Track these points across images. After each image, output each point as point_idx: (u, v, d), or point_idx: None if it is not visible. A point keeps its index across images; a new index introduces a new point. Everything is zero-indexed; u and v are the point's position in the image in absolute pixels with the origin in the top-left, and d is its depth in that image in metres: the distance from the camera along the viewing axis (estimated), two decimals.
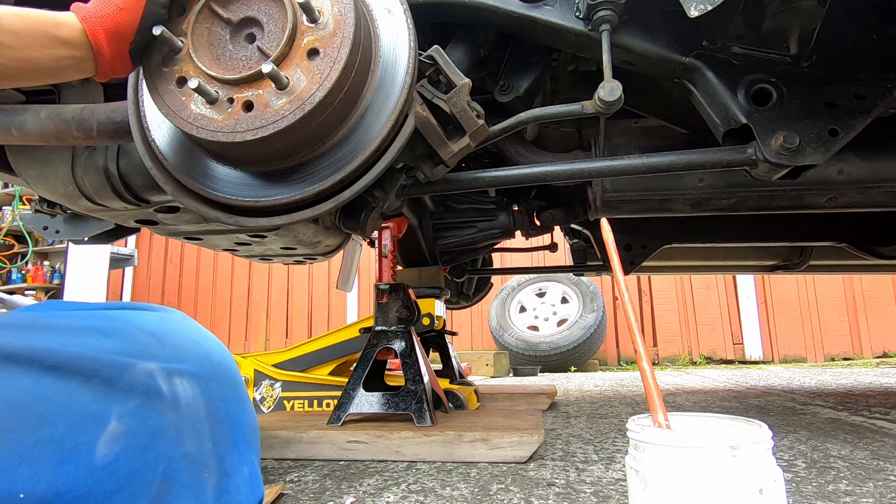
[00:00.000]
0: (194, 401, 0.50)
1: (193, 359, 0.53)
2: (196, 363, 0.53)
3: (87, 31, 0.67)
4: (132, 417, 0.44)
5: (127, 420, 0.44)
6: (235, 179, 0.87)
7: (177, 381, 0.50)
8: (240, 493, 0.52)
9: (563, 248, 2.74)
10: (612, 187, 1.43)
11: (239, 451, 0.54)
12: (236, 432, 0.54)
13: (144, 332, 0.51)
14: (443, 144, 0.98)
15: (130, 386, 0.46)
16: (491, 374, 4.76)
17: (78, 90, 1.16)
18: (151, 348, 0.50)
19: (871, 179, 1.28)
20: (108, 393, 0.44)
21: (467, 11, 1.08)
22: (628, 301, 0.66)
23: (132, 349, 0.48)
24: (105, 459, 0.41)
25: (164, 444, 0.46)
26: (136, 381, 0.46)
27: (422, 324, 1.94)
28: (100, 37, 0.67)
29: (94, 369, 0.44)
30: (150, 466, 0.44)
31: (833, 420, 1.70)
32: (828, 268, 2.35)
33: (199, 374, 0.52)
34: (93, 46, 0.68)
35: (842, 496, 0.91)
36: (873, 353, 5.51)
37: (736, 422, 0.60)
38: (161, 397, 0.47)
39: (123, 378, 0.46)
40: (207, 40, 0.79)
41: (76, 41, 0.67)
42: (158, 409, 0.47)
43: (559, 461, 1.20)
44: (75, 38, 0.66)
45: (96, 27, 0.67)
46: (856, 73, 1.05)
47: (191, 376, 0.51)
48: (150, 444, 0.45)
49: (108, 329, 0.49)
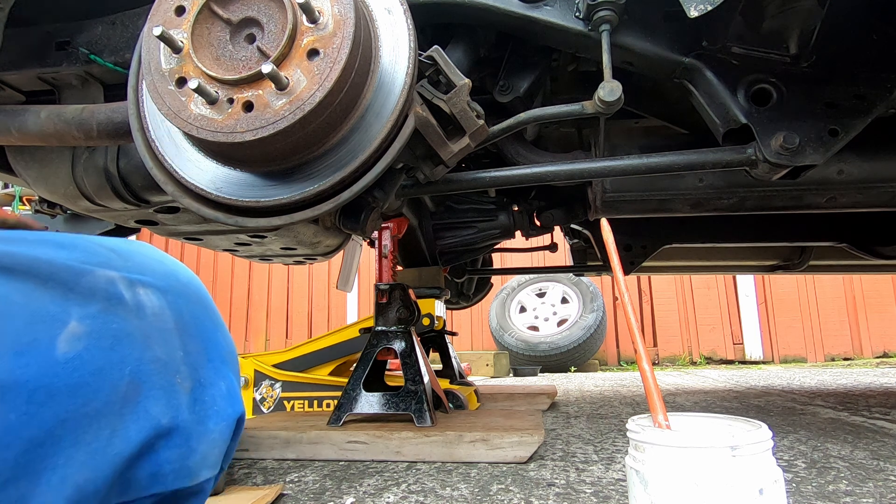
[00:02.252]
0: (160, 311, 0.48)
1: (159, 274, 0.51)
2: (162, 279, 0.50)
3: None
4: (93, 320, 0.43)
5: (88, 322, 0.43)
6: (235, 180, 0.87)
7: (140, 290, 0.48)
8: (216, 404, 0.50)
9: (563, 249, 2.74)
10: (612, 187, 1.43)
11: (214, 365, 0.52)
12: (210, 349, 0.53)
13: (104, 247, 0.49)
14: (443, 145, 0.98)
15: (90, 290, 0.44)
16: (491, 374, 4.76)
17: (78, 91, 1.16)
18: (111, 260, 0.48)
19: (871, 179, 1.28)
20: (67, 296, 0.43)
21: (467, 12, 1.08)
22: (628, 301, 0.66)
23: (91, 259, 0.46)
24: (66, 356, 0.41)
25: (130, 346, 0.45)
26: (95, 286, 0.45)
27: (422, 324, 1.94)
28: None
29: (49, 272, 0.43)
30: (115, 367, 0.43)
31: (833, 420, 1.70)
32: (828, 268, 2.35)
33: (165, 288, 0.50)
34: None
35: (842, 496, 0.91)
36: (873, 353, 5.51)
37: (736, 422, 0.60)
38: (123, 303, 0.46)
39: (82, 282, 0.44)
40: (207, 40, 0.79)
41: None
42: (121, 314, 0.45)
43: (559, 461, 1.20)
44: None
45: None
46: (856, 73, 1.05)
47: (156, 289, 0.49)
48: (114, 346, 0.44)
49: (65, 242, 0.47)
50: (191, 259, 6.97)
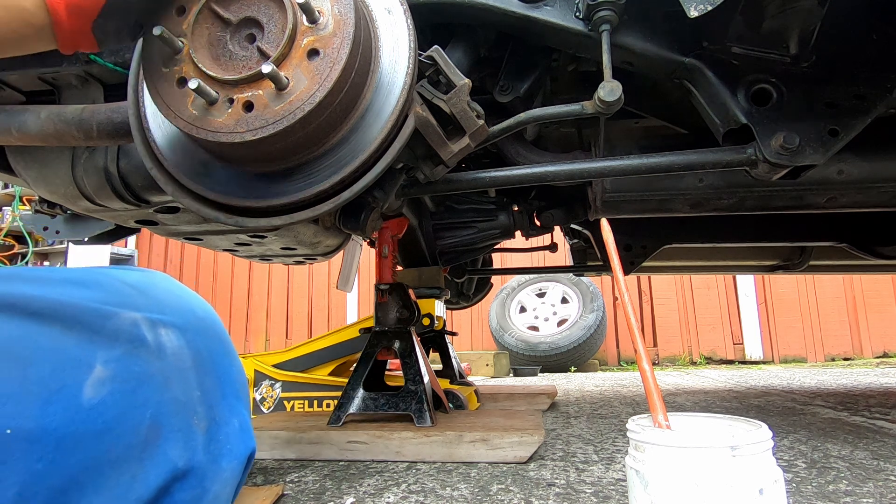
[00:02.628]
0: (179, 350, 0.49)
1: (177, 311, 0.52)
2: (180, 315, 0.52)
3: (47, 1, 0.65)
4: (118, 364, 0.44)
5: (113, 366, 0.43)
6: (235, 180, 0.87)
7: (161, 330, 0.49)
8: (230, 441, 0.52)
9: (563, 249, 2.74)
10: (613, 187, 1.43)
11: (228, 402, 0.53)
12: (225, 384, 0.54)
13: (126, 285, 0.50)
14: (443, 145, 0.98)
15: (115, 334, 0.45)
16: (491, 374, 4.76)
17: (78, 91, 1.16)
18: (134, 299, 0.49)
19: (871, 179, 1.28)
20: (93, 339, 0.44)
21: (467, 11, 1.08)
22: (628, 301, 0.66)
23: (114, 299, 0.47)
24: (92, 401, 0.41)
25: (151, 389, 0.45)
26: (119, 329, 0.46)
27: (422, 324, 1.94)
28: (59, 8, 0.65)
29: (75, 316, 0.44)
30: (138, 410, 0.44)
31: (833, 420, 1.70)
32: (828, 268, 2.34)
33: (184, 325, 0.51)
34: (52, 17, 0.66)
35: (842, 496, 0.91)
36: (873, 353, 5.51)
37: (736, 422, 0.60)
38: (146, 345, 0.47)
39: (107, 326, 0.45)
40: (207, 41, 0.79)
41: (36, 10, 0.65)
42: (144, 356, 0.46)
43: (559, 461, 1.20)
44: (35, 7, 0.64)
45: None
46: (856, 73, 1.05)
47: (175, 327, 0.50)
48: (137, 389, 0.44)
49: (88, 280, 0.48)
50: (191, 259, 6.98)
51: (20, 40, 0.66)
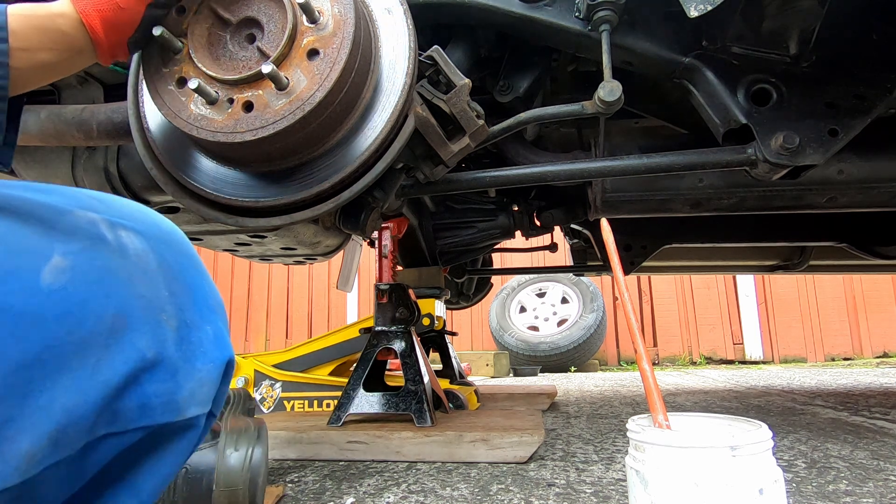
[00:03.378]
0: (143, 253, 0.48)
1: (142, 221, 0.50)
2: (144, 225, 0.50)
3: (85, 23, 0.67)
4: (77, 256, 0.43)
5: (72, 257, 0.42)
6: (235, 180, 0.87)
7: (122, 232, 0.47)
8: (203, 345, 0.50)
9: (563, 249, 2.74)
10: (612, 187, 1.43)
11: (200, 309, 0.51)
12: (196, 294, 0.52)
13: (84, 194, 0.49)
14: (443, 145, 0.98)
15: (71, 229, 0.44)
16: (491, 374, 4.76)
17: (78, 91, 1.16)
18: (92, 204, 0.48)
19: (871, 179, 1.28)
20: (49, 233, 0.43)
21: (467, 12, 1.08)
22: (628, 301, 0.66)
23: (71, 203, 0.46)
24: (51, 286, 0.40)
25: (115, 282, 0.44)
26: (76, 226, 0.44)
27: (422, 324, 1.94)
28: (97, 27, 0.68)
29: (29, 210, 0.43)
30: (100, 300, 0.43)
31: (833, 420, 1.70)
32: (828, 268, 2.34)
33: (148, 233, 0.49)
34: (91, 38, 0.68)
35: (842, 496, 0.91)
36: (873, 353, 5.51)
37: (736, 422, 0.60)
38: (106, 242, 0.45)
39: (63, 221, 0.44)
40: (207, 41, 0.79)
41: (75, 33, 0.67)
42: (105, 253, 0.45)
43: (559, 461, 1.20)
44: (74, 30, 0.67)
45: (92, 17, 0.67)
46: (856, 73, 1.05)
47: (138, 233, 0.48)
48: (99, 280, 0.43)
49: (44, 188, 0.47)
50: None
51: (69, 65, 0.70)
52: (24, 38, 0.62)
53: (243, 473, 0.77)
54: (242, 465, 0.78)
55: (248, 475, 0.78)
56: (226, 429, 0.82)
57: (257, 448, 0.81)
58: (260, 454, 0.81)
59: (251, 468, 0.79)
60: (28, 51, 0.63)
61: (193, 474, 0.76)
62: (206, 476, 0.76)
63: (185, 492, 0.75)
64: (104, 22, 0.68)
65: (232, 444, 0.79)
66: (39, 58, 0.65)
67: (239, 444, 0.80)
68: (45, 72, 0.67)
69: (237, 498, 0.77)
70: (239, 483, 0.77)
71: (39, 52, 0.64)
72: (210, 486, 0.76)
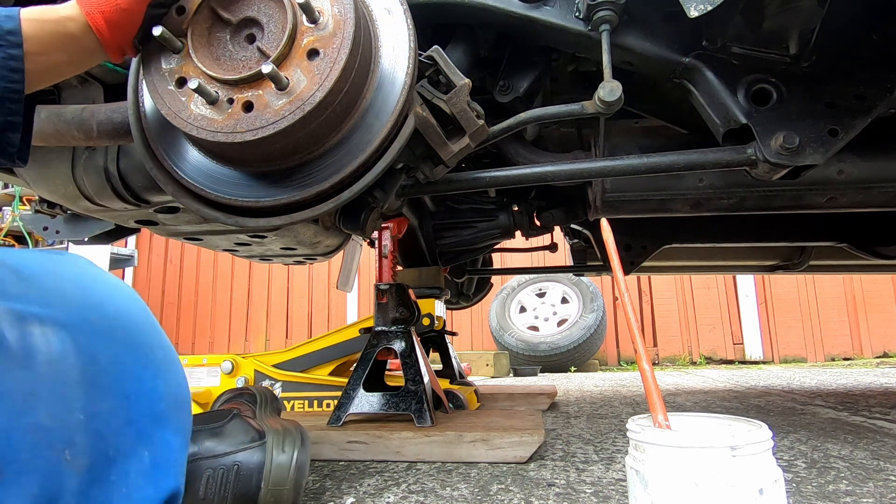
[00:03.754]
0: (60, 357, 0.38)
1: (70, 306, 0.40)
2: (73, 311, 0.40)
3: (91, 24, 0.69)
4: None
5: None
6: (236, 180, 0.87)
7: (34, 328, 0.38)
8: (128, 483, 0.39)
9: (563, 249, 2.74)
10: (612, 187, 1.43)
11: (137, 428, 0.41)
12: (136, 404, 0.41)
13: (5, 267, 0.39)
14: (443, 145, 0.98)
15: None
16: (491, 374, 4.75)
17: (78, 90, 1.16)
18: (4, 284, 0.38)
19: (871, 179, 1.27)
20: None
21: (467, 12, 1.08)
22: (628, 301, 0.66)
23: None
24: None
25: None
26: None
27: (422, 324, 1.94)
28: (102, 28, 0.70)
29: None
30: None
31: (833, 420, 1.70)
32: (828, 268, 2.34)
33: (75, 324, 0.39)
34: (98, 39, 0.70)
35: (842, 496, 0.91)
36: (873, 353, 5.51)
37: (736, 422, 0.60)
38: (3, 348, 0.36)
39: None
40: (207, 41, 0.79)
41: (84, 34, 0.69)
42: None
43: (559, 461, 1.20)
44: (82, 32, 0.69)
45: (97, 19, 0.69)
46: (856, 73, 1.05)
47: (60, 326, 0.39)
48: None
49: None
50: (191, 259, 6.98)
51: (81, 64, 0.72)
52: (38, 43, 0.64)
53: (291, 474, 0.79)
54: (290, 466, 0.80)
55: (295, 476, 0.80)
56: (269, 429, 0.83)
57: (302, 450, 0.83)
58: (305, 457, 0.83)
59: (297, 469, 0.80)
60: (42, 54, 0.65)
61: (245, 471, 0.78)
62: (256, 475, 0.79)
63: (236, 487, 0.77)
64: (108, 23, 0.69)
65: (279, 446, 0.81)
66: (53, 60, 0.66)
67: (286, 446, 0.82)
68: (58, 71, 0.69)
69: (282, 498, 0.79)
70: (286, 483, 0.79)
71: (53, 54, 0.66)
72: (258, 484, 0.78)
